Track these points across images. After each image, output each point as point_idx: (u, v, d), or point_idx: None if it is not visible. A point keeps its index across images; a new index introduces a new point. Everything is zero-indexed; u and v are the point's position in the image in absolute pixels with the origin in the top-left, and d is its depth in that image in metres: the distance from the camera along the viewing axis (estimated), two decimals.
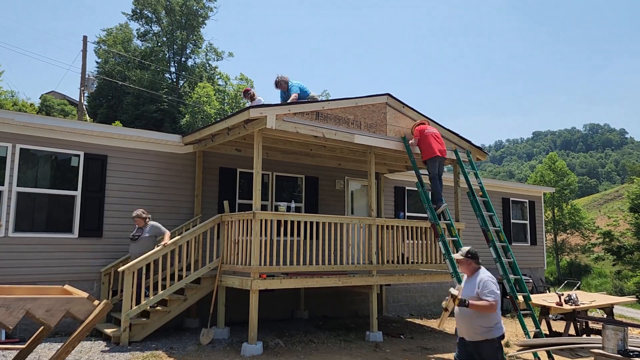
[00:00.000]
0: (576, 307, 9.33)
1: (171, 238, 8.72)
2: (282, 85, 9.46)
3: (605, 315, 11.22)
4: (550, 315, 10.37)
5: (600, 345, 6.43)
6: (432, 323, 11.71)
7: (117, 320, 8.33)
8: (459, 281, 8.56)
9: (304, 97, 9.30)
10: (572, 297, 9.55)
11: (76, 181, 8.96)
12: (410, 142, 9.47)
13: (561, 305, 9.37)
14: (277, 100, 9.59)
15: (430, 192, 9.32)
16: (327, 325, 10.30)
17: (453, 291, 5.11)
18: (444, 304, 5.26)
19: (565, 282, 23.51)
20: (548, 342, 8.67)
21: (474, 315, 5.02)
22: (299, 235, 8.43)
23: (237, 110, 27.56)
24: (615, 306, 11.75)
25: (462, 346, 5.28)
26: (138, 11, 40.88)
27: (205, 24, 43.30)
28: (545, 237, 26.16)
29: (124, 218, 9.27)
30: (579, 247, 37.69)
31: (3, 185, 8.30)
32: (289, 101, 9.11)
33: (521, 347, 8.52)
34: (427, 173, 9.46)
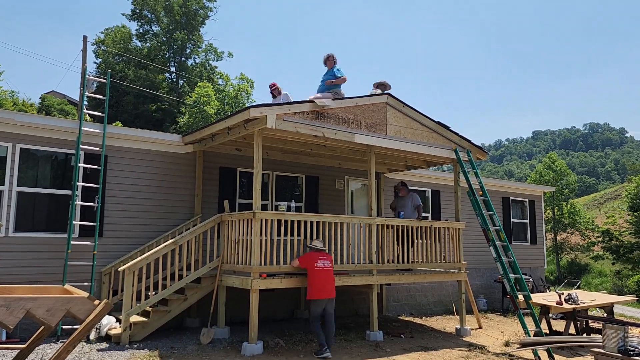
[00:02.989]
0: (576, 306, 9.34)
1: (172, 237, 8.71)
2: (329, 62, 9.54)
3: (605, 315, 11.22)
4: (550, 315, 10.38)
5: (600, 344, 6.44)
6: (433, 322, 11.71)
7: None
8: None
9: (338, 89, 9.34)
10: (572, 296, 9.56)
11: (76, 181, 8.95)
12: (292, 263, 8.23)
13: (561, 304, 9.37)
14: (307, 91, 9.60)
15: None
16: None
17: None
18: None
19: (566, 281, 23.55)
20: (549, 340, 8.68)
21: None
22: (299, 234, 8.43)
23: (237, 110, 27.54)
24: (615, 305, 11.75)
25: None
26: (137, 11, 40.89)
27: (205, 24, 43.33)
28: (545, 236, 26.18)
29: (124, 217, 9.28)
30: (579, 247, 37.71)
31: (3, 185, 8.30)
32: (336, 81, 9.21)
33: (521, 345, 8.52)
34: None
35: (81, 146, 8.80)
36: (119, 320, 8.10)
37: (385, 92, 9.66)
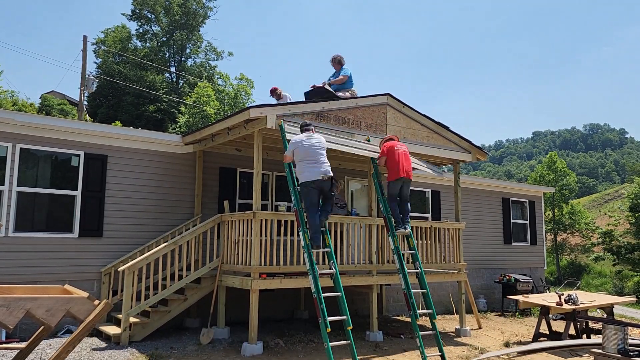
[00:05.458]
0: (576, 307, 9.34)
1: (172, 238, 8.70)
2: (335, 64, 9.55)
3: (605, 315, 11.22)
4: (550, 315, 10.37)
5: (600, 345, 6.44)
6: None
7: (117, 320, 8.33)
8: (405, 277, 7.90)
9: (349, 87, 9.37)
10: (572, 297, 9.58)
11: (76, 181, 8.96)
12: (377, 160, 8.62)
13: (561, 305, 9.38)
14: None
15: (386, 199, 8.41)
16: None
17: None
18: None
19: (566, 282, 23.53)
20: (548, 346, 8.66)
21: None
22: (299, 235, 8.43)
23: (236, 110, 27.54)
24: (615, 306, 11.75)
25: None
26: (137, 11, 40.90)
27: (205, 23, 43.36)
28: (545, 237, 26.16)
29: (124, 218, 9.28)
30: (579, 247, 37.73)
31: (3, 185, 8.30)
32: (336, 81, 9.25)
33: (522, 352, 8.47)
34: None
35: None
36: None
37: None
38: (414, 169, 8.85)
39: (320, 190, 7.19)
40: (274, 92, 10.45)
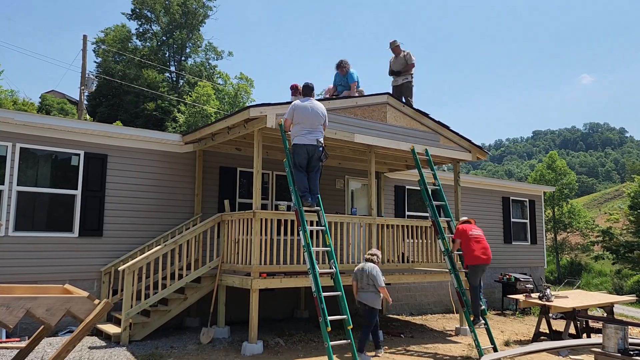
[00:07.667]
0: (548, 302, 9.70)
1: (172, 237, 8.70)
2: (342, 68, 9.51)
3: (605, 314, 11.23)
4: (550, 314, 10.38)
5: (600, 344, 6.43)
6: (433, 322, 11.71)
7: (117, 320, 8.33)
8: (457, 278, 8.54)
9: (358, 89, 9.49)
10: (545, 294, 10.05)
11: (76, 180, 8.96)
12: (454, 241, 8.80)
13: (530, 297, 10.29)
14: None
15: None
16: None
17: None
18: None
19: (565, 281, 23.55)
20: (549, 347, 8.64)
21: None
22: (299, 234, 8.43)
23: (236, 109, 27.54)
24: (615, 305, 11.75)
25: None
26: (137, 10, 40.88)
27: (205, 23, 43.35)
28: (545, 236, 26.16)
29: (124, 217, 9.28)
30: (579, 246, 37.70)
31: (3, 184, 8.30)
32: (352, 92, 9.26)
33: (523, 353, 8.45)
34: (432, 180, 9.31)
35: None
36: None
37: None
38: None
39: (310, 155, 7.46)
40: (294, 89, 10.28)
